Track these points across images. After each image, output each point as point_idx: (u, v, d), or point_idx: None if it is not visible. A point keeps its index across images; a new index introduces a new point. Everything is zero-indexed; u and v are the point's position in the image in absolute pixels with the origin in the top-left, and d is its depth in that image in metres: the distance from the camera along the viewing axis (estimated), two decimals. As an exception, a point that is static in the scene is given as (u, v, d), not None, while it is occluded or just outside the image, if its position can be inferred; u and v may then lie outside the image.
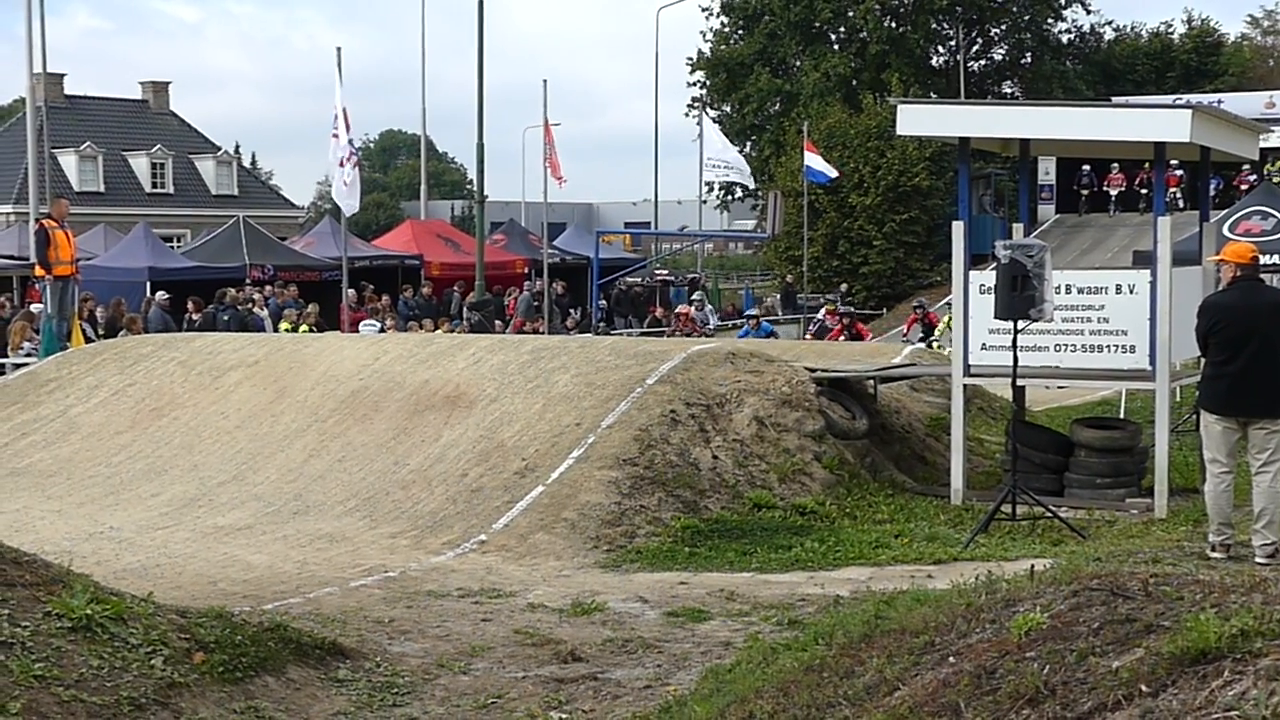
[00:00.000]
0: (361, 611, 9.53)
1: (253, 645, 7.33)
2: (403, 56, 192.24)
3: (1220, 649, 4.64)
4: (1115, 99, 46.71)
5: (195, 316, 28.08)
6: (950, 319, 26.05)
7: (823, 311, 33.06)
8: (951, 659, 5.41)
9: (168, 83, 70.17)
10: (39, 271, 21.18)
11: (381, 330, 27.82)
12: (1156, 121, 13.92)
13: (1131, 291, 13.85)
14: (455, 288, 38.69)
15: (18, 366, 21.04)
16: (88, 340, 21.27)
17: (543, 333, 31.35)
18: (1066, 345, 14.05)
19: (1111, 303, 13.92)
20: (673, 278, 46.01)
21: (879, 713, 5.21)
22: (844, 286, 46.32)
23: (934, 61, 59.86)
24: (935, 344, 26.32)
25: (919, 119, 15.61)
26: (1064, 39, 60.30)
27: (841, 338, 27.66)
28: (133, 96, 68.85)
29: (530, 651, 8.67)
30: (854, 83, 56.25)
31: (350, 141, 28.41)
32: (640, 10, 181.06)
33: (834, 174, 41.60)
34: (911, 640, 5.87)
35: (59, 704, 6.01)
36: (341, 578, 10.70)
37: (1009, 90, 60.26)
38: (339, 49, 29.65)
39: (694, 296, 32.08)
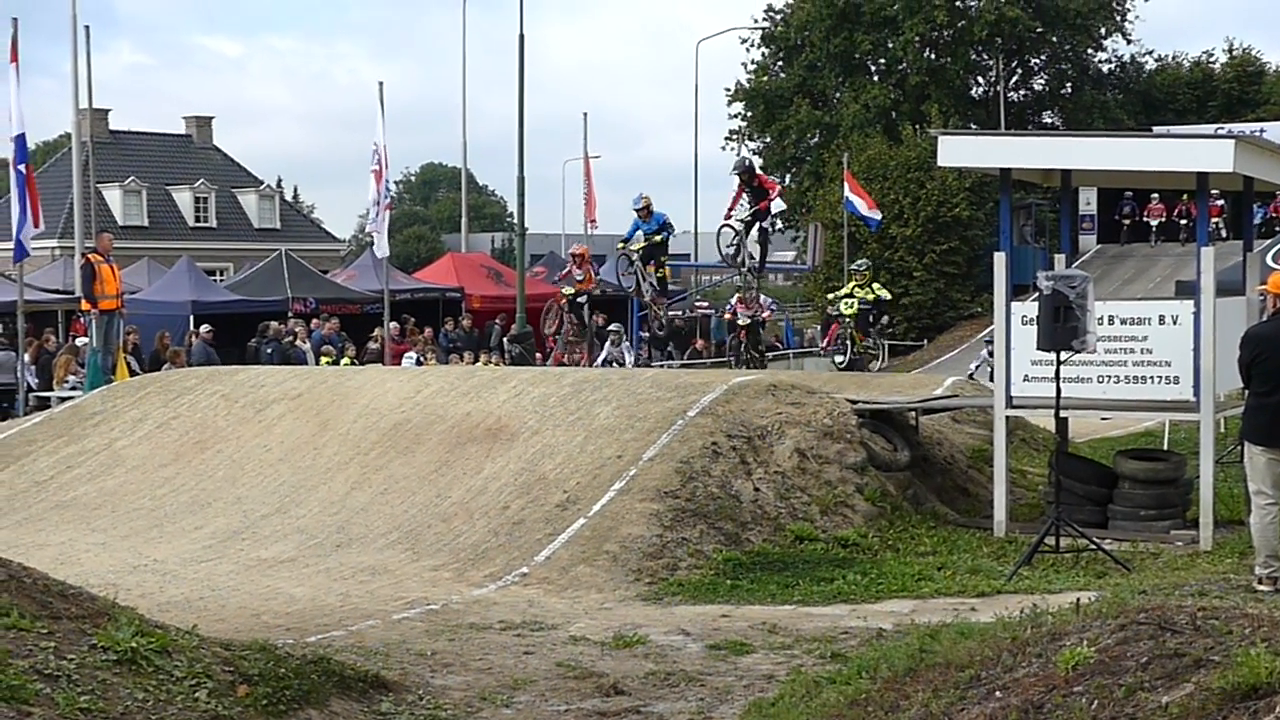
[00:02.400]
0: (404, 644, 9.54)
1: (296, 678, 7.34)
2: (444, 90, 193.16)
3: (1271, 684, 4.60)
4: (1156, 129, 46.54)
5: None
6: (853, 285, 24.58)
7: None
8: (998, 693, 5.38)
9: (211, 117, 70.80)
10: (84, 305, 21.38)
11: (419, 363, 27.86)
12: (1199, 151, 13.87)
13: (1175, 322, 13.77)
14: (496, 320, 38.79)
15: (63, 400, 21.20)
16: (132, 373, 21.41)
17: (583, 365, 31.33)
18: (1110, 376, 13.97)
19: (1155, 333, 13.84)
20: (713, 310, 45.96)
21: (925, 747, 5.18)
22: (885, 318, 46.16)
23: (974, 92, 59.71)
24: (839, 303, 24.54)
25: (960, 150, 15.60)
26: (1105, 69, 60.08)
27: (744, 198, 22.42)
28: (176, 131, 69.45)
29: (573, 684, 8.66)
30: (894, 114, 56.21)
31: (388, 182, 28.49)
32: (680, 42, 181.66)
33: (877, 216, 41.35)
34: (957, 674, 5.83)
35: (105, 737, 6.03)
36: (384, 610, 10.72)
37: (1049, 120, 60.03)
38: (381, 83, 29.81)
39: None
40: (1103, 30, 58.15)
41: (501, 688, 8.56)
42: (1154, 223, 46.49)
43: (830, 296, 24.90)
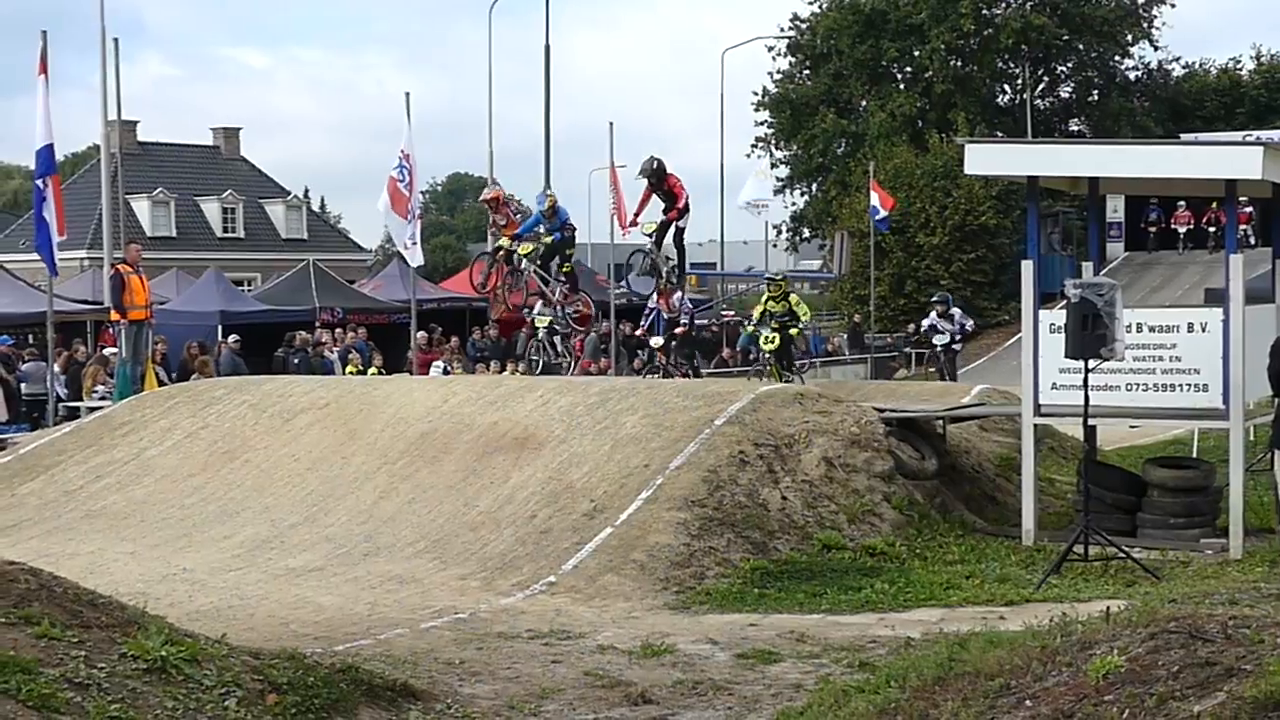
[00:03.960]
0: (432, 653, 9.55)
1: (324, 687, 7.34)
2: (470, 100, 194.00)
3: (1303, 693, 4.57)
4: (1184, 136, 46.41)
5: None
6: (765, 304, 22.08)
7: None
8: (1028, 703, 5.36)
9: (238, 128, 71.15)
10: (114, 316, 21.47)
11: (446, 372, 27.88)
12: (1228, 159, 13.83)
13: (1204, 330, 13.72)
14: (523, 329, 38.76)
15: (92, 410, 21.30)
16: (160, 384, 21.49)
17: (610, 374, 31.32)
18: (1138, 384, 13.92)
19: (1183, 341, 13.79)
20: (740, 319, 45.93)
21: (954, 756, 5.16)
22: (911, 326, 46.15)
23: (1000, 100, 59.64)
24: (753, 329, 22.58)
25: (987, 158, 15.58)
26: (1132, 76, 59.93)
27: (652, 202, 20.71)
28: (204, 142, 69.82)
29: (600, 693, 8.65)
30: (920, 123, 56.14)
31: (419, 194, 28.37)
32: (705, 52, 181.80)
33: (883, 213, 40.88)
34: (986, 683, 5.81)
35: (135, 745, 6.05)
36: (412, 619, 10.73)
37: (1076, 128, 59.87)
38: (407, 94, 29.81)
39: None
40: (1130, 37, 58.03)
41: (529, 696, 8.56)
42: (1182, 230, 46.32)
43: (750, 329, 23.24)
